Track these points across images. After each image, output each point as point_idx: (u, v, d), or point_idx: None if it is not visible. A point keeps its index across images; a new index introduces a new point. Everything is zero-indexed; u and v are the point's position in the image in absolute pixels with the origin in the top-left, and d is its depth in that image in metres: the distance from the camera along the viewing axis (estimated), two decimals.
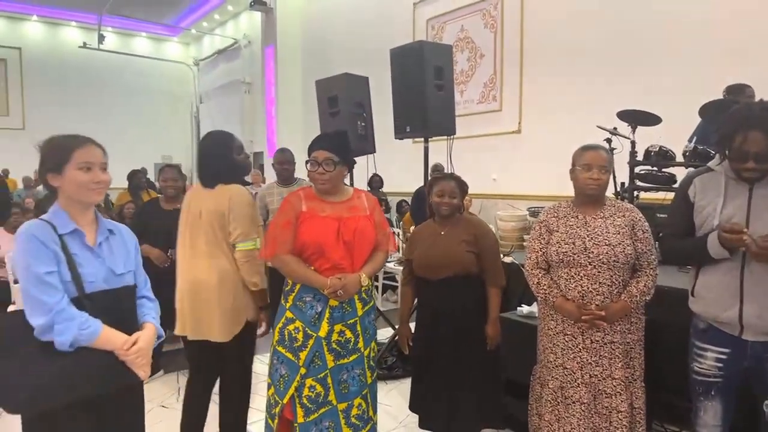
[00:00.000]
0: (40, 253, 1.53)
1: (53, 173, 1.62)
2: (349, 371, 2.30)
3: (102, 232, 1.72)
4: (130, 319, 1.74)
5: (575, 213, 2.37)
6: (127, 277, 1.74)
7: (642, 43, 5.90)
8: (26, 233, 1.56)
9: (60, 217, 1.61)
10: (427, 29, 8.62)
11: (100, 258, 1.67)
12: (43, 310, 1.51)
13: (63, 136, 1.67)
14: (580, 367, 2.28)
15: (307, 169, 2.33)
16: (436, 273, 2.58)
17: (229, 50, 15.14)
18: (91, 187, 1.62)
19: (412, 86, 3.63)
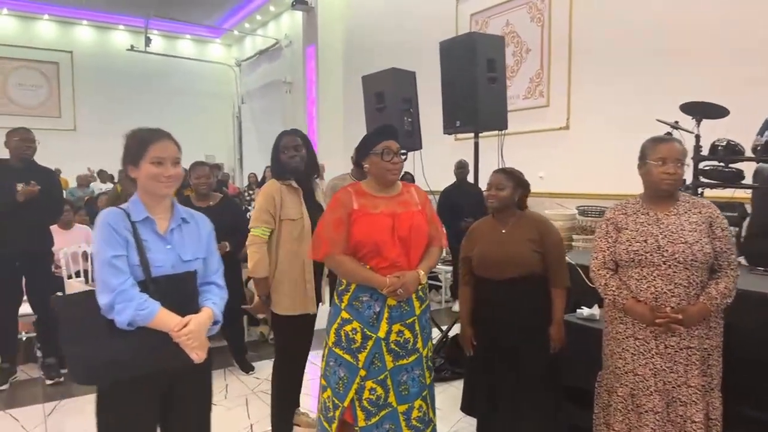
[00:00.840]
0: (111, 239, 1.64)
1: (132, 166, 1.74)
2: (408, 372, 2.22)
3: (175, 220, 1.80)
4: (191, 303, 1.79)
5: (645, 210, 2.23)
6: (194, 264, 1.80)
7: (699, 32, 5.61)
8: (102, 220, 1.68)
9: (135, 206, 1.73)
10: (470, 25, 8.44)
11: (169, 245, 1.75)
12: (107, 290, 1.60)
13: (143, 130, 1.78)
14: (653, 374, 2.13)
15: (372, 161, 2.23)
16: (498, 273, 2.46)
17: (270, 50, 15.26)
18: (161, 180, 1.72)
19: (462, 79, 3.52)
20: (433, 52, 5.50)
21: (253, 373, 3.96)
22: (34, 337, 4.03)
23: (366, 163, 2.27)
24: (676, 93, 5.62)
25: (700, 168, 3.76)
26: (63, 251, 4.37)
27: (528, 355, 2.43)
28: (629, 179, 2.51)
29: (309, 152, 2.86)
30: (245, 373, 3.95)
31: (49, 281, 3.83)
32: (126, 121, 10.95)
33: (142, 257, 1.68)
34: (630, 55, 6.26)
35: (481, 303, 2.58)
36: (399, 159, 2.23)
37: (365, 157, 2.27)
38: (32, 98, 15.40)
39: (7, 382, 3.63)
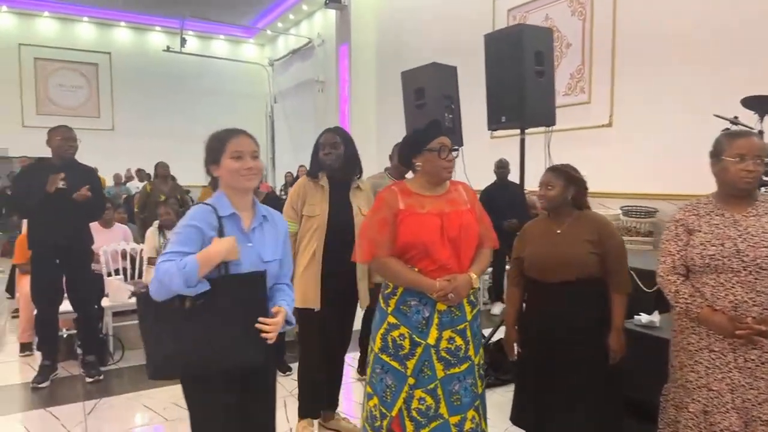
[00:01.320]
0: (187, 239, 1.66)
1: (213, 165, 1.77)
2: (460, 381, 2.09)
3: (257, 218, 1.81)
4: (259, 304, 1.76)
5: (720, 210, 2.04)
6: (272, 264, 1.81)
7: (751, 26, 5.30)
8: (188, 219, 1.71)
9: (221, 201, 1.76)
10: (507, 20, 8.23)
11: (250, 243, 1.76)
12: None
13: (220, 131, 1.82)
14: (730, 390, 1.95)
15: (427, 158, 2.11)
16: (552, 275, 2.32)
17: (303, 50, 15.28)
18: (242, 173, 1.73)
19: (508, 73, 3.36)
20: (469, 49, 5.36)
21: (290, 374, 3.88)
22: (74, 334, 4.03)
23: (418, 161, 2.15)
24: (727, 89, 5.37)
25: None
26: (103, 249, 4.39)
27: (584, 364, 2.28)
28: (676, 178, 2.37)
29: (348, 150, 2.79)
30: (282, 374, 3.88)
31: (89, 279, 3.83)
32: (162, 121, 11.27)
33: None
34: (677, 50, 5.99)
35: (532, 307, 2.44)
36: (453, 156, 2.11)
37: (418, 154, 2.15)
38: (72, 99, 15.76)
39: (48, 380, 3.64)
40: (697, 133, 5.82)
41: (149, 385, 3.64)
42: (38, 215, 3.51)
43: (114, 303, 4.21)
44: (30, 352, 4.25)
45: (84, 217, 3.72)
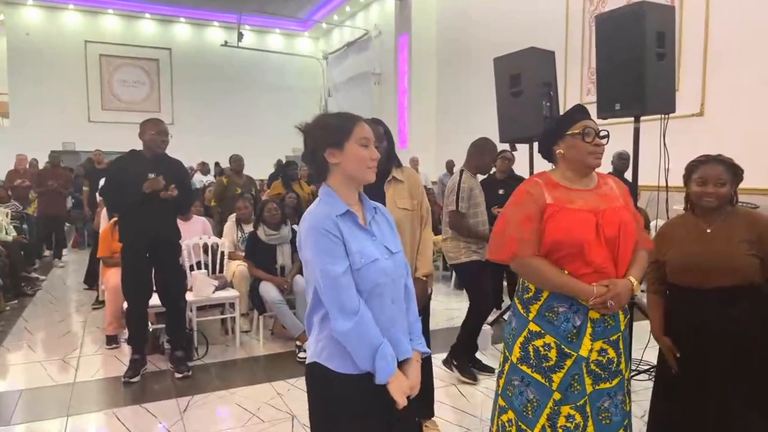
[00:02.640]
0: (333, 250, 1.49)
1: (334, 149, 1.54)
2: (611, 398, 1.88)
3: (369, 210, 1.64)
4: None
5: None
6: (400, 256, 1.64)
7: None
8: (316, 227, 1.51)
9: (332, 199, 1.56)
10: (584, 3, 7.85)
11: (374, 237, 1.59)
12: (347, 314, 1.48)
13: (336, 114, 1.63)
14: None
15: (569, 143, 1.90)
16: (704, 281, 2.06)
17: (358, 42, 15.17)
18: (369, 164, 1.56)
19: (625, 56, 3.08)
20: (538, 35, 5.03)
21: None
22: (162, 328, 4.02)
23: (560, 148, 1.94)
24: None
25: None
26: (185, 243, 4.36)
27: (746, 382, 2.01)
28: None
29: (390, 144, 2.53)
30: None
31: (177, 273, 3.79)
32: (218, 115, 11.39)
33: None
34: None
35: (676, 318, 2.18)
36: (601, 141, 1.88)
37: (558, 140, 1.94)
38: (135, 94, 16.20)
39: (138, 374, 3.62)
40: None
41: (239, 383, 3.58)
42: (130, 209, 3.49)
43: (198, 297, 4.17)
44: (116, 344, 4.27)
45: (173, 211, 3.67)
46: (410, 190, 2.59)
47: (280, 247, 4.46)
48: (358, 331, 1.46)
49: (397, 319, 1.60)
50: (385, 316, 1.56)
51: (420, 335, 1.70)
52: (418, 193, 2.62)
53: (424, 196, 2.67)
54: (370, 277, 1.52)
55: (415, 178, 2.64)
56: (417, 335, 1.68)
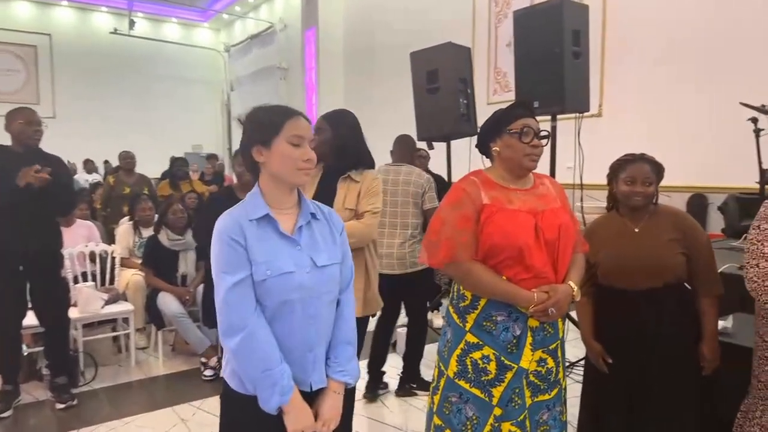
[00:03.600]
0: (230, 257, 1.35)
1: (261, 146, 1.40)
2: (550, 410, 1.78)
3: (303, 215, 1.46)
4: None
5: None
6: (330, 270, 1.45)
7: (745, 20, 5.24)
8: (218, 232, 1.38)
9: (254, 200, 1.42)
10: (490, 5, 8.00)
11: (297, 247, 1.41)
12: (233, 331, 1.34)
13: (270, 107, 1.45)
14: None
15: (506, 142, 1.77)
16: (636, 282, 2.02)
17: (263, 35, 14.61)
18: (300, 165, 1.39)
19: (544, 54, 3.06)
20: (445, 34, 5.04)
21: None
22: (40, 352, 3.48)
23: (496, 146, 1.81)
24: (729, 80, 5.31)
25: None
26: (67, 251, 3.82)
27: (678, 383, 2.00)
28: (669, 170, 2.14)
29: (337, 137, 2.28)
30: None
31: (58, 287, 3.28)
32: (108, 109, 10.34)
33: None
34: (672, 38, 5.90)
35: (607, 320, 2.13)
36: (540, 142, 1.77)
37: (496, 137, 1.81)
38: (8, 84, 14.47)
39: (10, 408, 3.09)
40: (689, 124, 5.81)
41: (135, 410, 3.16)
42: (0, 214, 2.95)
43: (85, 314, 3.66)
44: None
45: (53, 214, 3.17)
46: (363, 193, 2.33)
47: (184, 254, 4.05)
48: (244, 350, 1.33)
49: (315, 342, 1.42)
50: (297, 338, 1.39)
51: (348, 362, 1.49)
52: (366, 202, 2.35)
53: (369, 205, 2.37)
54: (277, 290, 1.35)
55: (371, 185, 2.36)
56: (339, 362, 1.48)
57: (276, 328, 1.36)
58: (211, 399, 3.28)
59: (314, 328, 1.41)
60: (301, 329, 1.38)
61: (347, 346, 1.50)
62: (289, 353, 1.37)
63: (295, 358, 1.38)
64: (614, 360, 2.09)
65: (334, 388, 1.45)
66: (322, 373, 1.44)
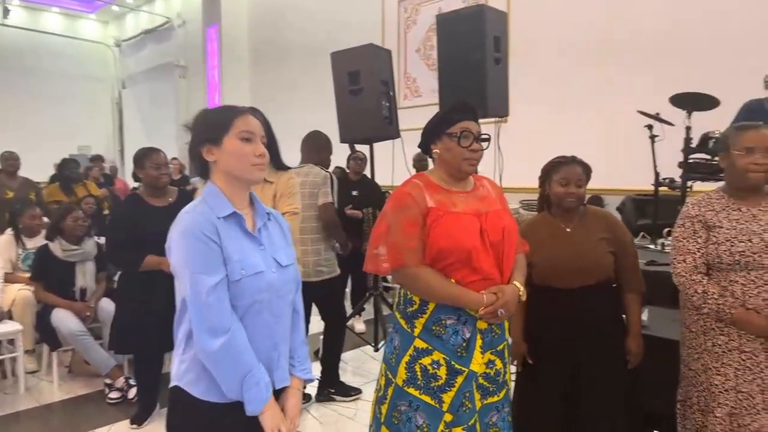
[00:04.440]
0: (206, 256, 1.30)
1: (210, 145, 1.37)
2: (499, 411, 1.79)
3: (261, 215, 1.45)
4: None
5: (735, 205, 1.97)
6: (291, 269, 1.46)
7: (647, 25, 5.72)
8: (188, 229, 1.32)
9: (216, 199, 1.37)
10: (399, 11, 8.08)
11: (261, 247, 1.40)
12: (215, 332, 1.29)
13: (219, 107, 1.47)
14: (761, 391, 1.88)
15: (445, 145, 1.76)
16: (570, 281, 2.09)
17: (158, 30, 13.76)
18: (253, 161, 1.36)
19: (466, 59, 3.11)
20: (355, 38, 5.06)
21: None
22: None
23: (437, 148, 1.79)
24: (627, 85, 5.74)
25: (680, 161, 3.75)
26: None
27: (607, 375, 2.10)
28: None
29: None
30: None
31: None
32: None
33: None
34: (572, 46, 6.28)
35: (542, 319, 2.18)
36: (480, 145, 1.77)
37: (437, 139, 1.79)
38: None
39: None
40: (589, 130, 6.22)
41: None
42: None
43: None
44: None
45: None
46: (278, 194, 2.24)
47: (81, 265, 3.65)
48: (227, 353, 1.29)
49: (278, 341, 1.43)
50: (264, 337, 1.39)
51: (305, 360, 1.51)
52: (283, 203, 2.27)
53: (287, 206, 2.29)
54: (249, 291, 1.34)
55: (287, 185, 2.25)
56: (301, 360, 1.49)
57: (246, 328, 1.35)
58: (120, 423, 2.99)
59: (278, 328, 1.41)
60: (268, 329, 1.38)
61: (304, 346, 1.54)
62: (258, 353, 1.36)
63: (261, 358, 1.37)
64: (548, 357, 2.14)
65: (296, 385, 1.47)
66: (285, 371, 1.44)
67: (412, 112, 6.88)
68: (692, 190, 3.73)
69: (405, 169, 4.34)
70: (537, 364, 2.17)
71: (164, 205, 2.86)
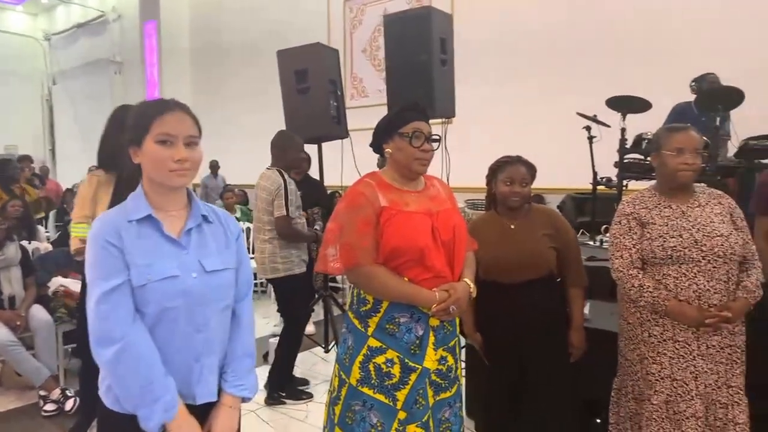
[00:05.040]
0: (105, 262, 1.24)
1: (135, 146, 1.31)
2: (451, 406, 1.82)
3: (194, 218, 1.37)
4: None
5: (666, 203, 2.09)
6: (221, 276, 1.36)
7: (591, 31, 5.95)
8: (92, 235, 1.27)
9: (136, 201, 1.32)
10: (344, 11, 8.07)
11: (184, 250, 1.32)
12: (107, 341, 1.23)
13: (146, 102, 1.38)
14: (694, 377, 2.00)
15: (397, 145, 1.78)
16: (515, 276, 2.16)
17: (92, 24, 13.16)
18: (171, 166, 1.28)
19: (414, 61, 3.14)
20: (301, 37, 5.05)
21: None
22: None
23: (389, 147, 1.80)
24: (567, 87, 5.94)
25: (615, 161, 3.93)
26: None
27: (551, 367, 2.17)
28: None
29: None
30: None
31: None
32: None
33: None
34: (515, 47, 6.46)
35: (489, 313, 2.24)
36: (431, 146, 1.80)
37: (389, 139, 1.80)
38: None
39: None
40: (530, 131, 6.41)
41: None
42: None
43: None
44: None
45: None
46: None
47: (5, 272, 3.45)
48: (120, 363, 1.22)
49: (203, 352, 1.33)
50: (180, 347, 1.30)
51: (246, 375, 1.41)
52: None
53: None
54: (158, 297, 1.26)
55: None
56: (237, 375, 1.39)
57: (158, 337, 1.27)
58: None
59: (202, 337, 1.32)
60: (186, 338, 1.30)
61: (246, 359, 1.44)
62: (172, 364, 1.29)
63: (178, 369, 1.30)
64: (495, 350, 2.20)
65: (229, 402, 1.38)
66: (210, 386, 1.35)
67: (359, 112, 6.88)
68: (628, 188, 3.91)
69: (354, 169, 4.34)
70: (487, 357, 2.23)
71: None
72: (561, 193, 5.20)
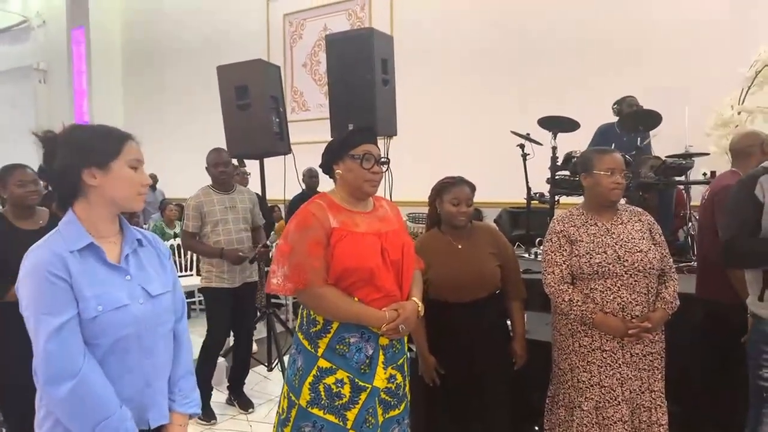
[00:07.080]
0: (53, 296, 1.20)
1: (96, 169, 1.27)
2: (399, 423, 1.87)
3: (129, 243, 1.36)
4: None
5: (593, 220, 2.25)
6: (164, 299, 1.38)
7: (522, 42, 6.21)
8: (32, 267, 1.22)
9: (72, 229, 1.28)
10: (284, 25, 8.05)
11: (127, 277, 1.32)
12: (64, 377, 1.19)
13: (98, 128, 1.36)
14: (620, 384, 2.15)
15: (348, 166, 1.82)
16: (464, 295, 2.23)
17: (13, 30, 12.42)
18: (140, 190, 1.33)
19: (356, 80, 3.21)
20: (240, 50, 5.01)
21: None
22: None
23: (339, 168, 1.85)
24: (501, 107, 6.19)
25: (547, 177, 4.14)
26: None
27: (496, 379, 2.27)
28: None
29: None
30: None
31: None
32: None
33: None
34: (453, 65, 6.65)
35: (437, 332, 2.29)
36: (380, 168, 1.86)
37: (339, 160, 1.84)
38: None
39: None
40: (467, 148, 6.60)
41: None
42: None
43: None
44: None
45: None
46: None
47: None
48: (75, 399, 1.19)
49: (152, 378, 1.34)
50: (133, 376, 1.30)
51: (190, 393, 1.44)
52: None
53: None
54: (110, 328, 1.25)
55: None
56: (183, 393, 1.42)
57: (110, 368, 1.26)
58: None
59: (151, 363, 1.33)
60: (138, 365, 1.30)
61: (189, 376, 1.48)
62: (125, 392, 1.28)
63: (131, 397, 1.29)
64: (447, 367, 2.27)
65: (179, 421, 1.41)
66: (162, 409, 1.37)
67: (300, 125, 6.89)
68: (559, 203, 4.13)
69: (296, 184, 4.35)
70: (439, 376, 2.29)
71: (34, 228, 2.58)
72: (497, 207, 5.39)
